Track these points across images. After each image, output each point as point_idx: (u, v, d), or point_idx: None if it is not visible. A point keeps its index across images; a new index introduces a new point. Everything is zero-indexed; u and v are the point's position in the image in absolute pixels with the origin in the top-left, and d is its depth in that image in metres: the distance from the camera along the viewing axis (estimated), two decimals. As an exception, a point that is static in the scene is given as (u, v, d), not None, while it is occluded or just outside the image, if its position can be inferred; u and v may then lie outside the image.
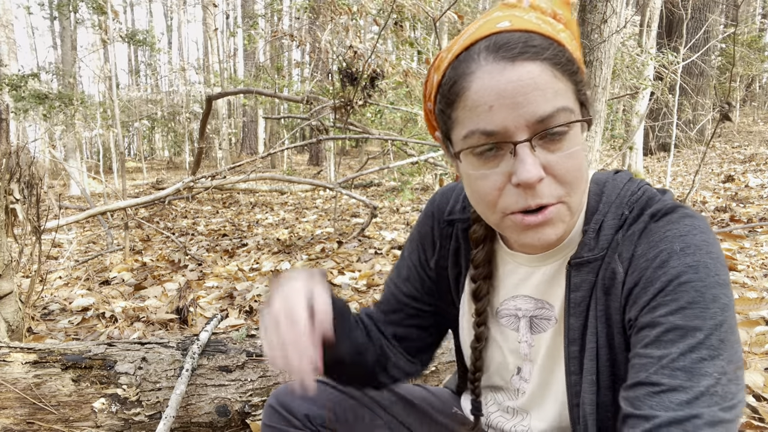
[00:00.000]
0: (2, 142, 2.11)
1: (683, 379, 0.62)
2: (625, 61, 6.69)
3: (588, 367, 0.75)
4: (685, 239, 0.68)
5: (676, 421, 0.60)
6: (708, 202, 5.39)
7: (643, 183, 0.79)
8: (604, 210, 0.76)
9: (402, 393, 1.07)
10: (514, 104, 0.65)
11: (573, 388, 0.77)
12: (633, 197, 0.76)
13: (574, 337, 0.76)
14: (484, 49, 0.67)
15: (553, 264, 0.81)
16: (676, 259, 0.67)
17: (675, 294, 0.65)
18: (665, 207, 0.72)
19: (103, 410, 1.50)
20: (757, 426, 1.48)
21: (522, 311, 0.85)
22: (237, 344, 1.63)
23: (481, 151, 0.69)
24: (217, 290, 3.35)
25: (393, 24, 5.08)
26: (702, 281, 0.65)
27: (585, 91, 0.72)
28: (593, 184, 0.80)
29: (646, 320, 0.67)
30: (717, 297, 0.64)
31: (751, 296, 2.41)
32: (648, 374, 0.64)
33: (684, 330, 0.63)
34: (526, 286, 0.84)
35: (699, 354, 0.62)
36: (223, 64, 15.11)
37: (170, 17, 29.53)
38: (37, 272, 2.55)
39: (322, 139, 5.18)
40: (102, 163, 11.31)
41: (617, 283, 0.72)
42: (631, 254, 0.71)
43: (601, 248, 0.75)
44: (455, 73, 0.70)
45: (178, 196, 5.37)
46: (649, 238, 0.70)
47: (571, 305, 0.76)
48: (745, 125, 13.40)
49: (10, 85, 8.66)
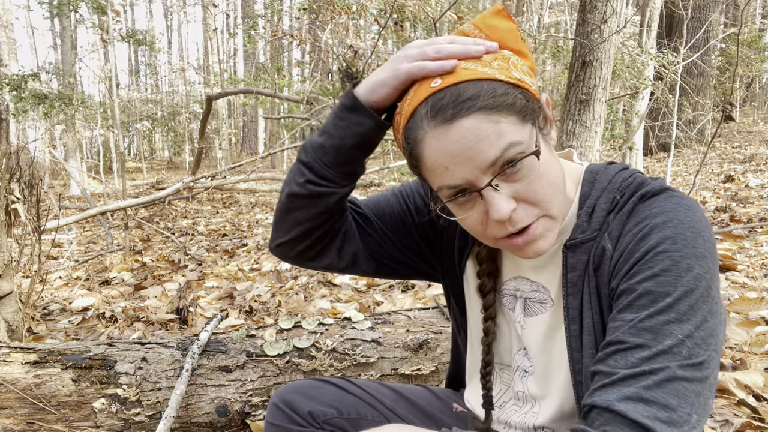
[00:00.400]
0: (2, 142, 2.11)
1: (647, 339, 0.65)
2: (625, 61, 6.69)
3: (587, 342, 0.78)
4: (668, 214, 0.72)
5: (632, 375, 0.64)
6: (708, 202, 5.39)
7: (635, 171, 0.83)
8: (596, 195, 0.81)
9: (404, 392, 1.08)
10: (466, 159, 0.70)
11: (576, 365, 0.80)
12: (624, 183, 0.80)
13: (574, 315, 0.80)
14: (424, 115, 0.73)
15: (551, 249, 0.84)
16: (657, 232, 0.71)
17: (651, 263, 0.69)
18: (653, 188, 0.77)
19: (103, 410, 1.50)
20: (757, 426, 1.48)
21: (520, 292, 0.90)
22: (237, 344, 1.63)
23: (454, 198, 0.75)
24: (217, 290, 3.35)
25: (393, 24, 5.08)
26: (678, 251, 0.68)
27: (532, 107, 0.74)
28: (587, 172, 0.85)
29: (623, 287, 0.71)
30: (691, 267, 0.68)
31: (751, 296, 2.40)
32: (617, 334, 0.68)
33: (655, 295, 0.67)
34: (524, 268, 0.89)
35: (666, 317, 0.66)
36: (223, 64, 15.13)
37: (170, 18, 29.54)
38: (37, 272, 2.55)
39: (322, 139, 5.16)
40: (102, 163, 11.31)
41: (606, 259, 0.77)
42: (620, 232, 0.76)
43: (593, 229, 0.79)
44: (409, 140, 0.76)
45: (178, 196, 5.38)
46: (636, 217, 0.75)
47: (569, 285, 0.81)
48: (745, 125, 13.40)
49: (11, 85, 8.65)
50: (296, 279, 3.47)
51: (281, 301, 3.00)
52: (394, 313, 1.85)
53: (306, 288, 3.25)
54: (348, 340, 1.65)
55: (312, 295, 3.09)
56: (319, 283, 3.31)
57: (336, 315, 2.52)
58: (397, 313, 1.86)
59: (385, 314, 1.84)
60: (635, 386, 0.63)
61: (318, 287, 3.24)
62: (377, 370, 1.63)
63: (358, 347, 1.64)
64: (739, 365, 1.81)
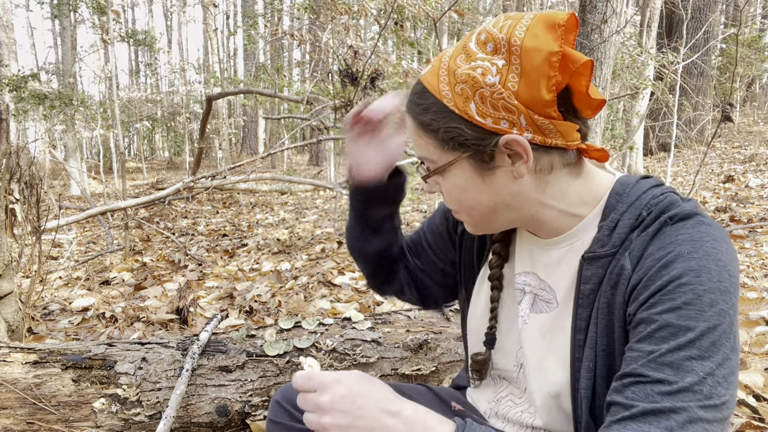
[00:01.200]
0: (2, 142, 2.11)
1: (668, 374, 0.63)
2: (625, 61, 6.69)
3: (587, 354, 0.78)
4: (695, 244, 0.70)
5: (653, 411, 0.62)
6: (708, 202, 5.39)
7: (668, 189, 0.80)
8: (621, 209, 0.79)
9: (404, 390, 1.08)
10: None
11: (576, 374, 0.80)
12: (654, 200, 0.78)
13: (581, 326, 0.80)
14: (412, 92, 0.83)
15: (561, 250, 0.85)
16: (681, 261, 0.68)
17: (673, 294, 0.67)
18: (683, 212, 0.74)
19: (103, 410, 1.50)
20: (757, 426, 1.48)
21: (529, 287, 0.90)
22: (237, 344, 1.63)
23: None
24: (217, 290, 3.35)
25: (393, 24, 5.08)
26: (702, 285, 0.66)
27: (465, 140, 0.78)
28: (618, 183, 0.83)
29: (642, 316, 0.69)
30: (715, 302, 0.66)
31: (751, 296, 2.41)
32: (636, 366, 0.66)
33: (676, 328, 0.65)
34: (536, 264, 0.89)
35: (687, 352, 0.64)
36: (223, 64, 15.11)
37: (170, 18, 29.54)
38: (37, 272, 2.55)
39: (322, 139, 5.17)
40: (102, 163, 11.30)
41: (623, 279, 0.75)
42: (641, 253, 0.74)
43: (613, 245, 0.77)
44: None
45: (178, 196, 5.38)
46: (661, 240, 0.73)
47: (581, 297, 0.80)
48: (745, 125, 13.39)
49: (11, 85, 8.65)
50: (296, 279, 3.47)
51: (281, 301, 3.00)
52: (394, 313, 1.85)
53: (306, 288, 3.25)
54: (348, 340, 1.65)
55: (312, 295, 3.09)
56: (319, 284, 3.31)
57: (336, 315, 2.52)
58: (397, 313, 1.86)
59: (385, 314, 1.84)
60: (657, 426, 0.61)
61: (318, 287, 3.24)
62: (377, 370, 1.63)
63: (358, 347, 1.64)
64: (739, 365, 1.81)
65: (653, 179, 0.83)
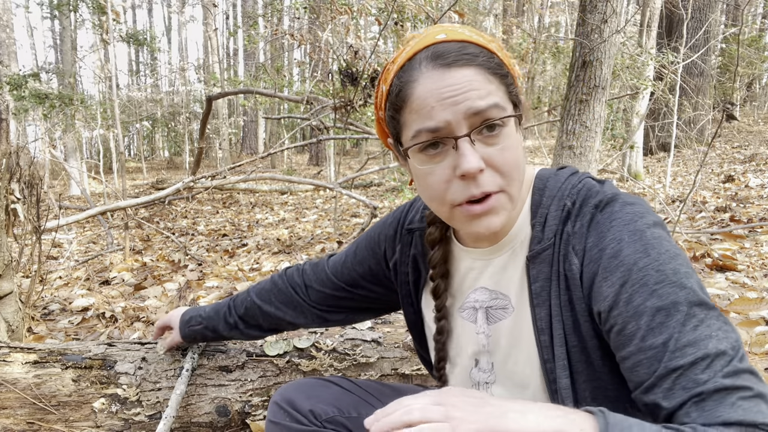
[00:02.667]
0: (2, 142, 2.11)
1: (693, 352, 0.65)
2: (625, 61, 6.69)
3: (559, 353, 0.79)
4: (629, 227, 0.74)
5: (717, 389, 0.63)
6: (708, 202, 5.39)
7: (584, 175, 0.84)
8: (547, 203, 0.82)
9: (404, 391, 1.08)
10: (453, 102, 0.73)
11: (550, 374, 0.80)
12: (573, 189, 0.81)
13: (542, 326, 0.80)
14: (424, 58, 0.76)
15: (503, 255, 0.86)
16: (628, 247, 0.72)
17: (640, 281, 0.70)
18: (606, 197, 0.78)
19: (103, 410, 1.50)
20: (757, 426, 1.48)
21: (479, 302, 0.90)
22: (237, 344, 1.63)
23: (427, 146, 0.76)
24: (217, 290, 3.35)
25: (394, 24, 5.08)
26: (656, 260, 0.70)
27: (517, 93, 0.80)
28: (537, 179, 0.86)
29: (625, 314, 0.70)
30: (676, 269, 0.69)
31: (751, 296, 2.41)
32: (665, 363, 0.67)
33: (666, 310, 0.68)
34: (482, 279, 0.89)
35: (692, 323, 0.67)
36: (223, 64, 15.11)
37: (169, 18, 29.53)
38: (37, 272, 2.55)
39: (322, 138, 5.18)
40: (102, 163, 11.30)
41: (574, 274, 0.77)
42: (584, 246, 0.77)
43: (548, 238, 0.80)
44: (400, 81, 0.78)
45: (178, 196, 5.38)
46: (597, 230, 0.76)
47: (534, 296, 0.81)
48: (745, 125, 13.39)
49: (11, 85, 8.65)
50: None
51: (281, 301, 3.00)
52: (394, 313, 1.85)
53: (306, 288, 3.25)
54: (348, 340, 1.65)
55: (312, 295, 3.09)
56: (319, 283, 3.30)
57: (336, 315, 2.52)
58: (397, 313, 1.86)
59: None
60: (735, 395, 0.63)
61: (318, 287, 3.23)
62: (377, 370, 1.63)
63: (358, 347, 1.64)
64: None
65: (569, 168, 0.86)
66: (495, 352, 0.88)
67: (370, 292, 1.11)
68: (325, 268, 1.15)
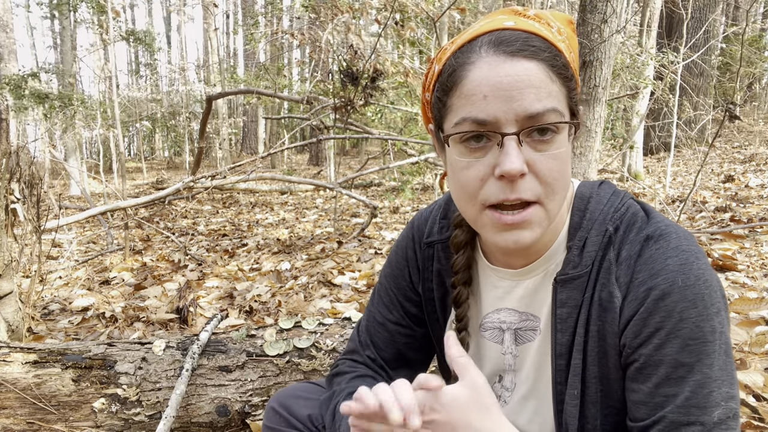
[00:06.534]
0: (2, 142, 2.11)
1: (698, 415, 0.67)
2: (625, 61, 6.69)
3: (572, 381, 0.77)
4: (684, 268, 0.70)
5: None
6: (708, 202, 5.39)
7: (626, 197, 0.80)
8: (587, 226, 0.78)
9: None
10: (508, 97, 0.67)
11: (558, 396, 0.79)
12: (617, 213, 0.77)
13: (562, 351, 0.78)
14: (486, 42, 0.70)
15: (536, 277, 0.82)
16: (677, 294, 0.69)
17: (677, 330, 0.68)
18: (659, 229, 0.74)
19: (103, 410, 1.50)
20: (757, 426, 1.48)
21: (506, 324, 0.86)
22: (237, 344, 1.63)
23: (470, 138, 0.70)
24: (217, 290, 3.35)
25: (394, 24, 5.08)
26: (700, 315, 0.68)
27: (576, 101, 0.74)
28: (577, 198, 0.81)
29: (654, 357, 0.70)
30: (714, 328, 0.68)
31: (751, 296, 2.40)
32: (665, 412, 0.68)
33: (689, 367, 0.68)
34: (509, 300, 0.86)
35: (708, 388, 0.67)
36: (223, 64, 15.11)
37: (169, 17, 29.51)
38: (37, 272, 2.55)
39: (322, 138, 5.17)
40: (102, 163, 11.30)
41: (614, 306, 0.74)
42: (630, 279, 0.73)
43: (585, 265, 0.76)
44: (456, 62, 0.72)
45: (178, 196, 5.37)
46: (649, 265, 0.72)
47: (558, 321, 0.78)
48: (745, 125, 13.39)
49: (11, 85, 8.66)
50: (296, 279, 3.47)
51: (281, 301, 3.00)
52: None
53: (306, 288, 3.25)
54: (348, 340, 1.65)
55: (312, 295, 3.09)
56: (319, 283, 3.31)
57: (336, 315, 2.52)
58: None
59: (385, 314, 1.84)
60: None
61: (318, 287, 3.24)
62: (377, 370, 1.63)
63: (358, 347, 1.64)
64: (739, 365, 1.81)
65: (607, 186, 0.82)
66: (521, 371, 0.87)
67: (409, 329, 1.00)
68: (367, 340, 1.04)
